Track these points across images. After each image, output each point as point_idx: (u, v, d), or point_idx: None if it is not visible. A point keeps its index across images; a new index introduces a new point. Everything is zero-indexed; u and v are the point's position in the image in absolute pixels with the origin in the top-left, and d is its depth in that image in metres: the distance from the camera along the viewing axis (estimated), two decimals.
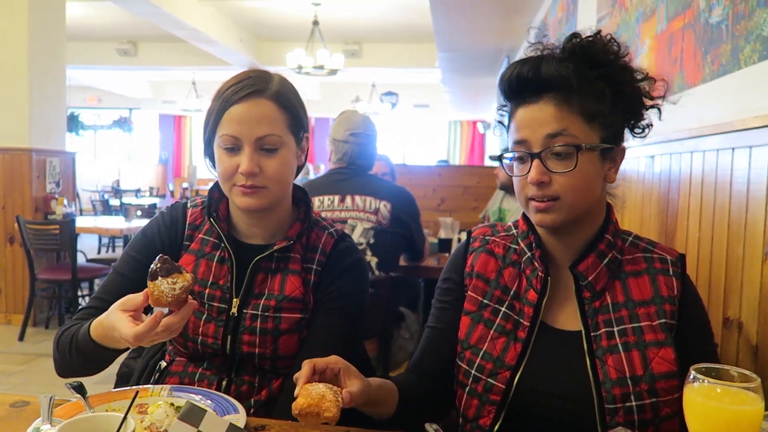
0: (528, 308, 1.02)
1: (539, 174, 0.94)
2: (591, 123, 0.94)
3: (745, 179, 1.24)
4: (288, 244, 1.17)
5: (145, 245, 1.21)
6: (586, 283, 0.99)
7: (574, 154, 0.93)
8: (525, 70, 0.96)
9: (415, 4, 7.00)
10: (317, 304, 1.19)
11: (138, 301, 0.94)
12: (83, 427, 0.78)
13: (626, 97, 0.98)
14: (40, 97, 4.49)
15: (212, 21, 7.75)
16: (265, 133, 1.10)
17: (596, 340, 0.98)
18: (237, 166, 1.10)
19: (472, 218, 4.48)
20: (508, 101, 1.02)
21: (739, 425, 0.68)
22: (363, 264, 1.27)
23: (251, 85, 1.11)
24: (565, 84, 0.93)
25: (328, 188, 2.41)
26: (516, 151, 0.98)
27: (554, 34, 4.11)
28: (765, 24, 1.22)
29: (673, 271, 1.01)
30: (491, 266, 1.08)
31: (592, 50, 0.97)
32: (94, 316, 1.09)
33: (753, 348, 1.18)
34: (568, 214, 0.96)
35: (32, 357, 3.87)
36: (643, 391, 0.93)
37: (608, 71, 0.96)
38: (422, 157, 15.07)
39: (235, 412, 0.98)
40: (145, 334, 0.89)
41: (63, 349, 1.09)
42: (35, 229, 4.13)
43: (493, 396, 1.00)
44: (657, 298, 0.99)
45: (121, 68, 10.69)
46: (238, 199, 1.13)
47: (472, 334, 1.04)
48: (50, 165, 4.63)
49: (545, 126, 0.94)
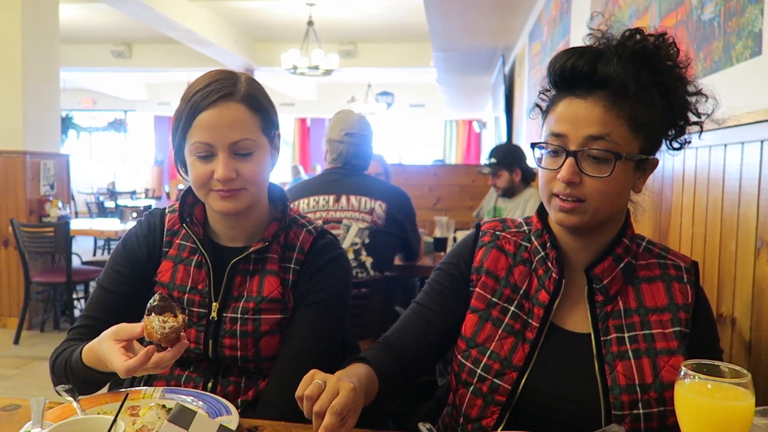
0: (538, 309, 1.00)
1: (571, 174, 0.90)
2: (635, 132, 0.90)
3: (738, 175, 1.24)
4: (265, 245, 1.16)
5: (126, 257, 1.20)
6: (600, 287, 0.97)
7: (612, 161, 0.89)
8: (581, 63, 0.90)
9: (410, 3, 7.00)
10: (297, 302, 1.18)
11: (133, 332, 0.95)
12: (74, 430, 0.78)
13: (675, 110, 0.93)
14: (34, 100, 4.47)
15: (207, 22, 7.73)
16: (238, 138, 1.07)
17: (606, 344, 0.96)
18: (211, 172, 1.07)
19: (467, 217, 4.48)
20: (553, 88, 0.97)
21: (731, 421, 0.68)
22: (343, 259, 1.24)
23: (219, 89, 1.07)
24: (620, 87, 0.88)
25: (323, 188, 2.40)
26: (551, 144, 0.93)
27: (549, 32, 4.11)
28: (756, 20, 1.22)
29: (687, 278, 1.00)
30: (501, 264, 1.05)
31: (657, 56, 0.91)
32: (86, 335, 1.11)
33: (746, 344, 1.18)
34: (591, 218, 0.93)
35: (27, 360, 3.85)
36: (651, 399, 0.92)
37: (665, 80, 0.91)
38: (418, 156, 15.07)
39: (227, 413, 0.98)
40: (136, 368, 0.90)
41: (59, 373, 1.09)
42: (30, 232, 4.11)
43: (498, 396, 0.98)
44: (672, 305, 0.97)
45: (115, 70, 10.65)
46: (216, 204, 1.10)
47: (479, 332, 1.02)
48: (44, 167, 4.61)
49: (589, 126, 0.89)
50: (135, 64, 10.11)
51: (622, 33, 0.93)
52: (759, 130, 1.16)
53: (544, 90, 1.00)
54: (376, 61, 9.73)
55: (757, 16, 1.22)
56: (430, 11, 5.11)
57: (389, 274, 2.44)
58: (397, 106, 13.37)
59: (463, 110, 13.48)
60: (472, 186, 4.95)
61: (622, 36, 0.92)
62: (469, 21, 5.42)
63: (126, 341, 0.94)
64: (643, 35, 0.92)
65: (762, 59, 1.20)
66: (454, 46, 6.54)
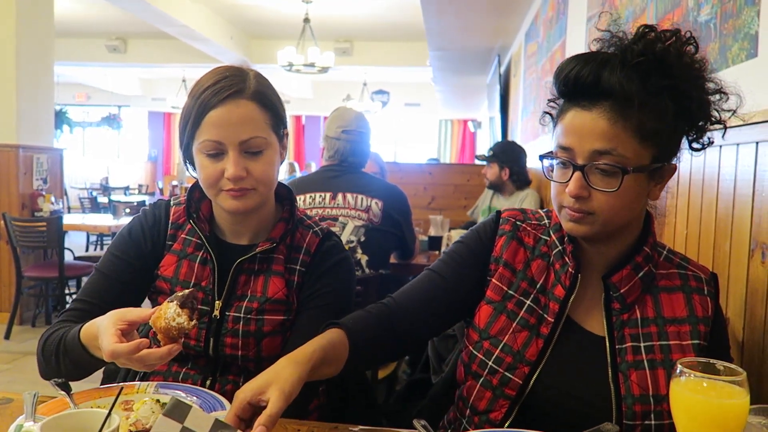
0: (554, 304, 0.99)
1: (579, 189, 0.88)
2: (644, 142, 0.87)
3: (732, 176, 1.25)
4: (271, 246, 1.15)
5: (128, 245, 1.18)
6: (617, 295, 0.96)
7: (619, 174, 0.86)
8: (585, 73, 0.87)
9: (407, 2, 7.00)
10: (301, 304, 1.17)
11: (141, 315, 0.92)
12: (67, 424, 0.77)
13: (691, 112, 0.89)
14: (28, 94, 4.44)
15: (203, 18, 7.70)
16: (249, 136, 1.05)
17: (621, 353, 0.95)
18: (222, 171, 1.06)
19: (462, 216, 4.48)
20: (561, 96, 0.94)
21: (726, 418, 0.68)
22: (348, 263, 1.24)
23: (229, 85, 1.05)
24: (625, 98, 0.85)
25: (319, 185, 2.40)
26: (560, 157, 0.92)
27: (545, 33, 4.12)
28: (753, 23, 1.23)
29: (708, 290, 0.99)
30: (520, 256, 1.03)
31: (666, 59, 0.86)
32: (79, 318, 1.07)
33: (739, 344, 1.18)
34: (602, 229, 0.91)
35: (19, 355, 3.83)
36: (664, 411, 0.91)
37: (677, 83, 0.86)
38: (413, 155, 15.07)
39: (222, 408, 0.97)
40: (122, 354, 0.87)
41: (49, 351, 1.06)
42: (22, 226, 4.08)
43: (508, 390, 0.97)
44: (692, 317, 0.96)
45: (110, 65, 10.60)
46: (226, 203, 1.09)
47: (493, 324, 1.01)
48: (37, 161, 4.58)
49: (594, 140, 0.87)
50: (130, 59, 10.06)
51: (636, 31, 0.89)
52: (754, 131, 1.16)
53: (554, 98, 0.97)
54: (372, 60, 9.72)
55: (753, 19, 1.23)
56: (426, 10, 5.11)
57: (384, 272, 2.44)
58: (392, 105, 13.36)
59: (458, 110, 13.49)
60: (466, 185, 4.96)
61: (634, 35, 0.89)
62: (465, 20, 5.42)
63: (128, 325, 0.91)
64: (656, 34, 0.88)
65: (758, 61, 1.21)
66: (450, 46, 6.55)
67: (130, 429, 0.90)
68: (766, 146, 1.12)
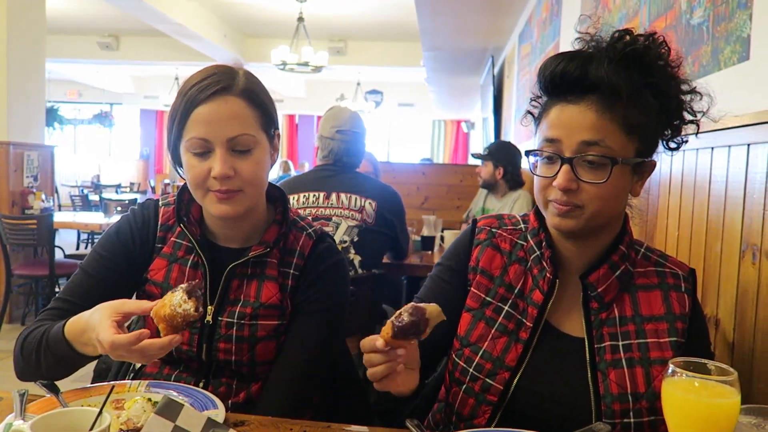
0: (532, 309, 0.99)
1: (567, 181, 0.89)
2: (630, 135, 0.89)
3: (724, 178, 1.25)
4: (264, 250, 1.12)
5: (116, 245, 1.15)
6: (595, 294, 0.97)
7: (608, 165, 0.88)
8: (572, 68, 0.89)
9: (401, 2, 7.00)
10: (296, 308, 1.15)
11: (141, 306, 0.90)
12: (57, 422, 0.76)
13: (670, 110, 0.92)
14: (19, 90, 4.40)
15: (196, 15, 7.67)
16: (236, 133, 1.03)
17: (599, 352, 0.96)
18: (209, 170, 1.03)
19: (455, 216, 4.49)
20: (545, 94, 0.96)
21: (717, 418, 0.69)
22: (343, 266, 1.22)
23: (217, 82, 1.03)
24: (612, 91, 0.87)
25: (312, 185, 2.39)
26: (546, 150, 0.92)
27: (539, 34, 4.13)
28: (745, 26, 1.24)
29: (685, 287, 0.99)
30: (496, 262, 1.04)
31: (648, 56, 0.90)
32: (59, 317, 1.05)
33: (729, 345, 1.19)
34: (587, 223, 0.92)
35: (8, 354, 3.78)
36: (643, 408, 0.92)
37: (657, 81, 0.90)
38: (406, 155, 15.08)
39: (213, 407, 0.97)
40: (122, 345, 0.85)
41: (29, 349, 1.03)
42: (11, 224, 4.05)
43: (489, 396, 0.98)
44: (669, 315, 0.97)
45: (102, 62, 10.54)
46: (213, 207, 1.06)
47: (472, 331, 1.01)
48: (28, 159, 4.54)
49: (582, 132, 0.88)
50: (122, 56, 10.01)
51: (611, 35, 0.92)
52: (745, 133, 1.17)
53: (536, 97, 0.98)
54: (366, 59, 9.72)
55: (745, 22, 1.24)
56: (420, 10, 5.12)
57: (377, 272, 2.44)
58: (386, 105, 13.36)
59: (451, 110, 13.51)
60: (459, 186, 4.96)
61: (611, 38, 0.92)
62: (459, 21, 5.43)
63: (122, 317, 0.90)
64: (633, 36, 0.91)
65: (749, 64, 1.22)
66: (444, 46, 6.56)
67: (121, 428, 0.89)
68: (757, 148, 1.13)
